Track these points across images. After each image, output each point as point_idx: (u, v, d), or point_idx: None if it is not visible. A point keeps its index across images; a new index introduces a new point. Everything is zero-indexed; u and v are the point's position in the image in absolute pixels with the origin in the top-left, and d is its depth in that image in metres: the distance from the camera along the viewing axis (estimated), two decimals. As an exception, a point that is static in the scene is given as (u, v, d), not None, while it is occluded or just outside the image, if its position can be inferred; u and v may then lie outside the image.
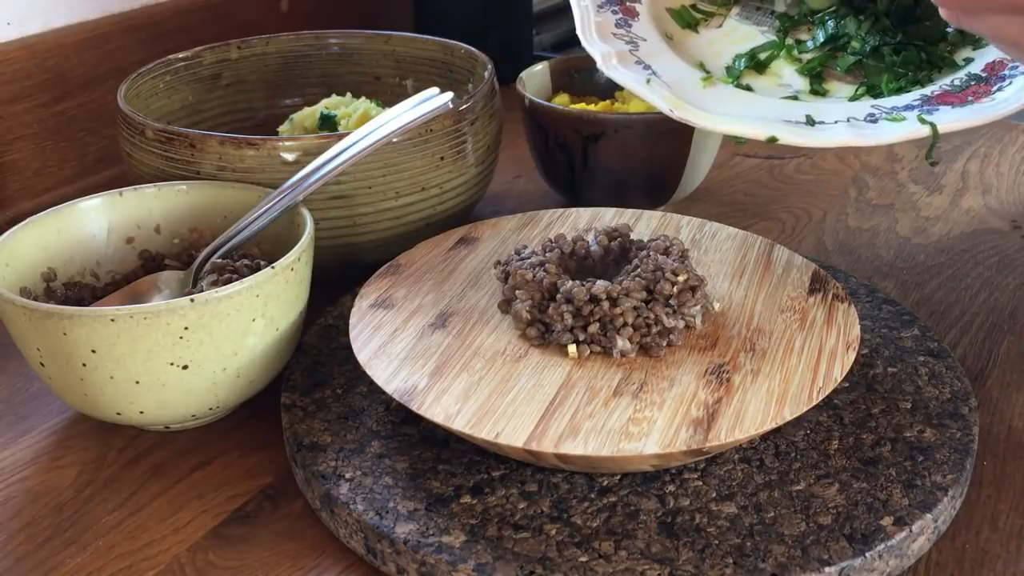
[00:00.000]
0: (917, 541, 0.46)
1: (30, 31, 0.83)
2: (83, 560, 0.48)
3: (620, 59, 0.62)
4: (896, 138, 0.56)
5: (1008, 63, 0.59)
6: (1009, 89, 0.57)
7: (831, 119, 0.58)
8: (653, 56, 0.64)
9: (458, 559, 0.44)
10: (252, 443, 0.55)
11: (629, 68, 0.62)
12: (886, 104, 0.59)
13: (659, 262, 0.54)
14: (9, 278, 0.55)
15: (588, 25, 0.65)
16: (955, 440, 0.51)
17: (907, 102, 0.59)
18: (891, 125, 0.57)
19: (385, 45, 0.84)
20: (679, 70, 0.64)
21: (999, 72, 0.59)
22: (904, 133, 0.56)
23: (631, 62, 0.63)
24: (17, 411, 0.58)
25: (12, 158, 0.82)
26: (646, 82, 0.60)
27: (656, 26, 0.67)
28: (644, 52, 0.64)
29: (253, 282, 0.51)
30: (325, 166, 0.57)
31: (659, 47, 0.65)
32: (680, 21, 0.69)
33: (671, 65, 0.64)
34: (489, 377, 0.50)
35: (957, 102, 0.58)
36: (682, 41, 0.68)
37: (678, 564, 0.44)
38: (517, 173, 0.88)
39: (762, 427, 0.46)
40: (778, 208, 0.81)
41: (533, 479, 0.49)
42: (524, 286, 0.54)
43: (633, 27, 0.66)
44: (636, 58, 0.63)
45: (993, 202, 0.81)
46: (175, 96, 0.78)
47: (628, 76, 0.61)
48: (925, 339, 0.59)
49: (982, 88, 0.58)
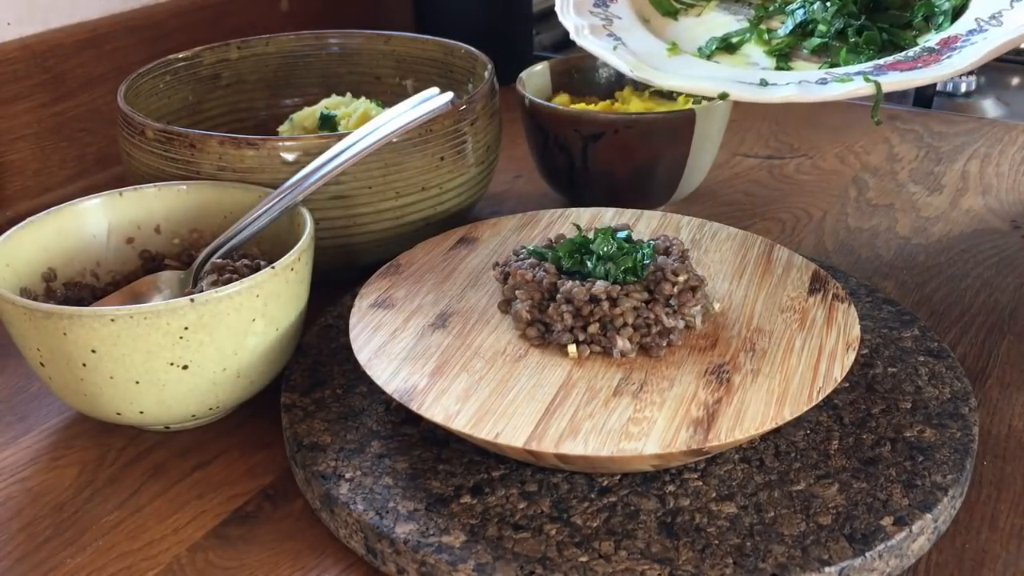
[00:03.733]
0: (917, 541, 0.46)
1: (30, 31, 0.83)
2: (83, 560, 0.48)
3: (592, 31, 0.65)
4: (840, 95, 0.57)
5: (961, 37, 0.60)
6: (957, 56, 0.58)
7: (783, 82, 0.60)
8: (625, 31, 0.67)
9: (458, 559, 0.44)
10: (252, 443, 0.55)
11: (599, 38, 0.64)
12: (838, 71, 0.61)
13: (659, 262, 0.54)
14: (9, 278, 0.55)
15: (566, 2, 0.68)
16: (955, 440, 0.51)
17: (859, 69, 0.60)
18: (838, 84, 0.58)
19: (385, 45, 0.84)
20: (648, 43, 0.66)
21: (951, 44, 0.60)
22: (849, 91, 0.57)
23: (603, 34, 0.65)
24: (17, 411, 0.58)
25: (12, 158, 0.82)
26: (612, 49, 0.63)
27: (634, 9, 0.69)
28: (617, 27, 0.67)
29: (253, 282, 0.51)
30: (325, 166, 0.58)
31: (633, 24, 0.68)
32: (660, 9, 0.71)
33: (641, 39, 0.66)
34: (489, 377, 0.50)
35: (906, 68, 0.58)
36: (659, 26, 0.70)
37: (678, 564, 0.44)
38: (517, 173, 0.88)
39: (762, 427, 0.46)
40: (778, 208, 0.81)
41: (533, 479, 0.49)
42: (524, 286, 0.54)
43: (610, 8, 0.69)
44: (608, 32, 0.66)
45: (993, 202, 0.81)
46: (175, 96, 0.78)
47: (596, 44, 0.64)
48: (925, 339, 0.59)
49: (932, 57, 0.59)
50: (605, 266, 0.53)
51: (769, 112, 0.99)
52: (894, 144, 0.93)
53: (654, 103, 0.79)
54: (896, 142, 0.93)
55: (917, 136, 0.94)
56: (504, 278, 0.56)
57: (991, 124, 0.97)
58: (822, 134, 0.95)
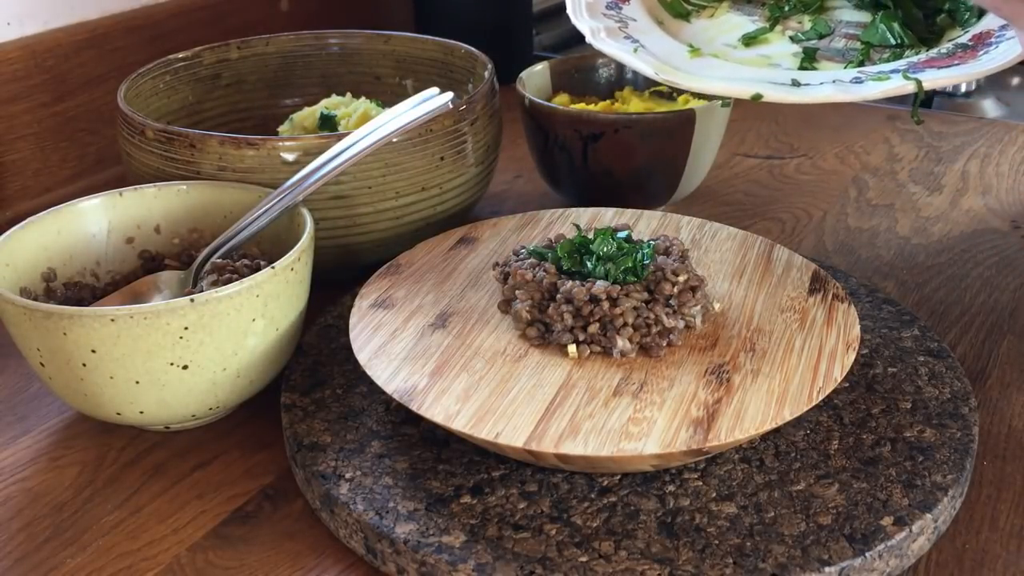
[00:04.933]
0: (917, 541, 0.46)
1: (30, 31, 0.83)
2: (83, 560, 0.48)
3: (609, 33, 0.63)
4: (880, 93, 0.56)
5: (995, 32, 0.60)
6: (994, 51, 0.58)
7: (816, 82, 0.59)
8: (642, 33, 0.65)
9: (458, 559, 0.44)
10: (252, 443, 0.55)
11: (617, 41, 0.63)
12: (872, 69, 0.60)
13: (659, 262, 0.54)
14: (9, 278, 0.55)
15: (579, 4, 0.67)
16: (955, 440, 0.51)
17: (893, 67, 0.59)
18: (876, 83, 0.57)
19: (385, 45, 0.84)
20: (667, 44, 0.65)
21: (986, 40, 0.59)
22: (889, 89, 0.56)
23: (620, 36, 0.64)
24: (17, 411, 0.58)
25: (12, 158, 0.82)
26: (633, 51, 0.61)
27: (647, 12, 0.68)
28: (633, 29, 0.65)
29: (253, 282, 0.51)
30: (325, 166, 0.57)
31: (648, 26, 0.67)
32: (671, 11, 0.70)
33: (659, 40, 0.65)
34: (489, 377, 0.50)
35: (942, 65, 0.58)
36: (672, 29, 0.68)
37: (678, 564, 0.44)
38: (517, 173, 0.88)
39: (762, 427, 0.46)
40: (778, 208, 0.81)
41: (533, 479, 0.49)
42: (524, 286, 0.54)
43: (623, 10, 0.68)
44: (625, 34, 0.64)
45: (993, 202, 0.81)
46: (175, 96, 0.78)
47: (615, 47, 0.62)
48: (925, 339, 0.59)
49: (968, 53, 0.59)
50: (605, 266, 0.53)
51: (769, 112, 0.99)
52: (894, 144, 0.93)
53: (654, 103, 0.79)
54: (896, 142, 0.93)
55: (917, 136, 0.94)
56: (504, 278, 0.56)
57: (991, 124, 0.97)
58: (822, 134, 0.95)
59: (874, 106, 1.00)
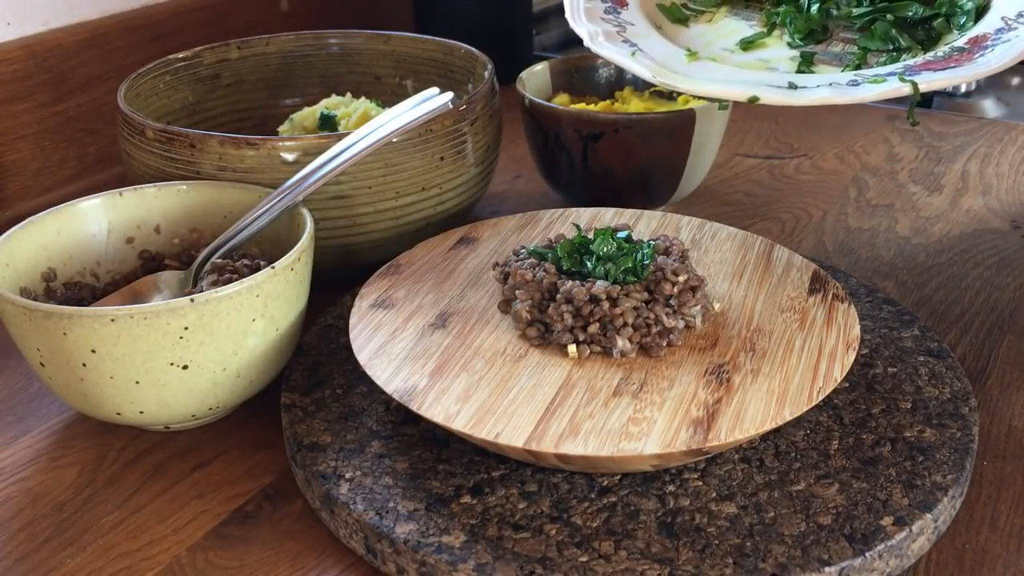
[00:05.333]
0: (917, 541, 0.46)
1: (30, 31, 0.83)
2: (83, 560, 0.48)
3: (607, 37, 0.64)
4: (876, 96, 0.56)
5: (991, 36, 0.60)
6: (990, 54, 0.58)
7: (813, 84, 0.59)
8: (640, 37, 0.66)
9: (458, 559, 0.44)
10: (252, 443, 0.55)
11: (615, 44, 0.63)
12: (868, 72, 0.60)
13: (659, 262, 0.54)
14: (9, 278, 0.55)
15: (577, 9, 0.67)
16: (955, 440, 0.51)
17: (889, 70, 0.60)
18: (872, 86, 0.57)
19: (385, 45, 0.84)
20: (665, 48, 0.65)
21: (982, 44, 0.59)
22: (885, 91, 0.56)
23: (618, 41, 0.64)
24: (17, 411, 0.58)
25: (12, 158, 0.82)
26: (631, 55, 0.62)
27: (646, 17, 0.68)
28: (631, 34, 0.66)
29: (253, 282, 0.51)
30: (325, 166, 0.57)
31: (647, 31, 0.67)
32: (670, 16, 0.70)
33: (657, 45, 0.65)
34: (489, 377, 0.50)
35: (938, 68, 0.58)
36: (671, 33, 0.69)
37: (678, 564, 0.44)
38: (517, 173, 0.88)
39: (762, 427, 0.46)
40: (778, 208, 0.81)
41: (533, 479, 0.49)
42: (524, 286, 0.54)
43: (622, 14, 0.68)
44: (623, 38, 0.65)
45: (993, 202, 0.81)
46: (175, 96, 0.78)
47: (613, 50, 0.62)
48: (925, 339, 0.59)
49: (964, 56, 0.59)
50: (605, 266, 0.53)
51: (769, 112, 0.99)
52: (894, 144, 0.93)
53: (654, 103, 0.79)
54: (896, 142, 0.93)
55: (917, 136, 0.94)
56: (504, 278, 0.56)
57: (991, 124, 0.97)
58: (822, 134, 0.95)
59: (874, 106, 1.00)
